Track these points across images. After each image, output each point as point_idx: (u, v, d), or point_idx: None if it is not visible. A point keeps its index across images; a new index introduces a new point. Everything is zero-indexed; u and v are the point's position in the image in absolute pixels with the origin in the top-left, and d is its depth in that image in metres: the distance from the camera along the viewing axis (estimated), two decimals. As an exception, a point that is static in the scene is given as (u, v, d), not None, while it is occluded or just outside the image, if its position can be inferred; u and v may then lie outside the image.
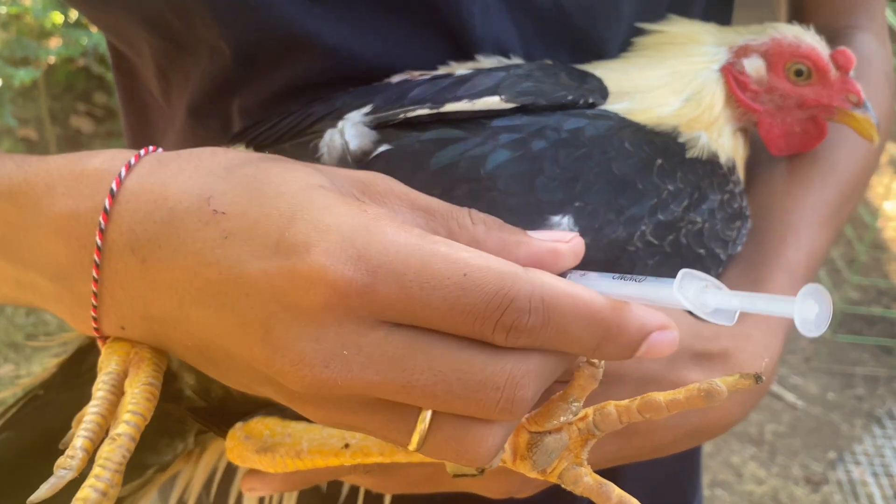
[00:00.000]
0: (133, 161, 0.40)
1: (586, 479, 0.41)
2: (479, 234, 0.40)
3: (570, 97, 0.53)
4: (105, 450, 0.38)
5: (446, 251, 0.35)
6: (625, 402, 0.42)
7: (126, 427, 0.39)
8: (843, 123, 0.61)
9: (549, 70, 0.54)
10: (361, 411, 0.37)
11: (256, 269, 0.35)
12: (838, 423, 2.56)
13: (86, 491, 0.37)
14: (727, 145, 0.59)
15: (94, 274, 0.39)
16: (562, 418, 0.41)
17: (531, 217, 0.49)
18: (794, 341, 2.87)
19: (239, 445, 0.48)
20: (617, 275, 0.40)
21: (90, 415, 0.39)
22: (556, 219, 0.49)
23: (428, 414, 0.36)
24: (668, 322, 0.37)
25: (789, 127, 0.61)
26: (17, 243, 0.42)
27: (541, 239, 0.41)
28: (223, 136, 0.60)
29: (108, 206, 0.38)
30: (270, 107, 0.57)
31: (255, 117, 0.58)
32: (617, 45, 0.61)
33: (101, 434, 0.39)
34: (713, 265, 0.55)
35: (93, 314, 0.40)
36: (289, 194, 0.36)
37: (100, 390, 0.40)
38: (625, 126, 0.53)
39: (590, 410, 0.42)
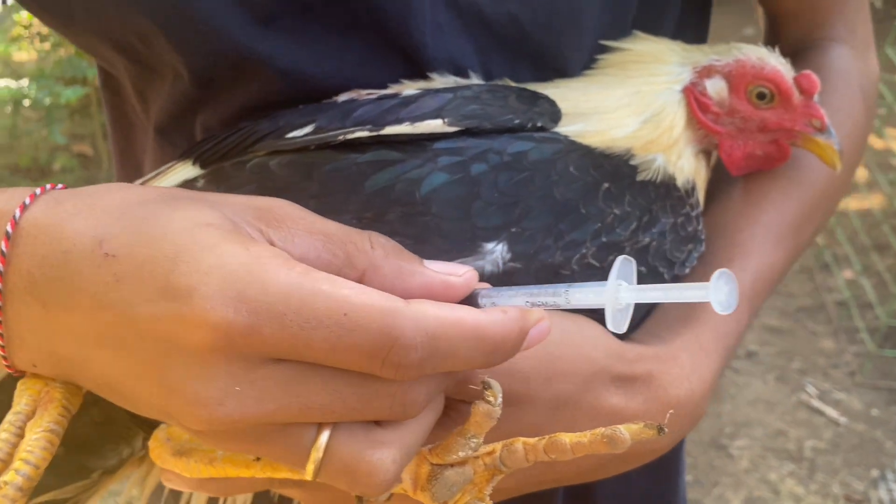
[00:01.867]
0: (28, 201, 0.40)
1: None
2: (376, 259, 0.40)
3: (517, 121, 0.52)
4: None
5: (328, 289, 0.35)
6: (533, 440, 0.42)
7: (15, 476, 0.40)
8: (806, 149, 0.59)
9: (498, 92, 0.54)
10: (262, 441, 0.38)
11: (146, 312, 0.35)
12: (882, 440, 2.49)
13: None
14: (686, 167, 0.58)
15: None
16: (460, 453, 0.41)
17: (463, 243, 0.48)
18: (838, 356, 2.80)
19: (159, 446, 0.49)
20: (534, 287, 0.40)
21: None
22: (489, 246, 0.49)
23: (322, 442, 0.37)
24: (541, 314, 0.40)
25: (751, 150, 0.60)
26: None
27: (435, 271, 0.41)
28: None
29: (4, 250, 0.39)
30: (231, 125, 0.58)
31: None
32: (581, 61, 0.60)
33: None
34: (655, 283, 0.54)
35: (1, 353, 0.41)
36: (173, 235, 0.36)
37: (4, 431, 0.42)
38: (573, 149, 0.53)
39: (498, 446, 0.42)
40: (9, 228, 0.39)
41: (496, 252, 0.49)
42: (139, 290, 0.36)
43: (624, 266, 0.38)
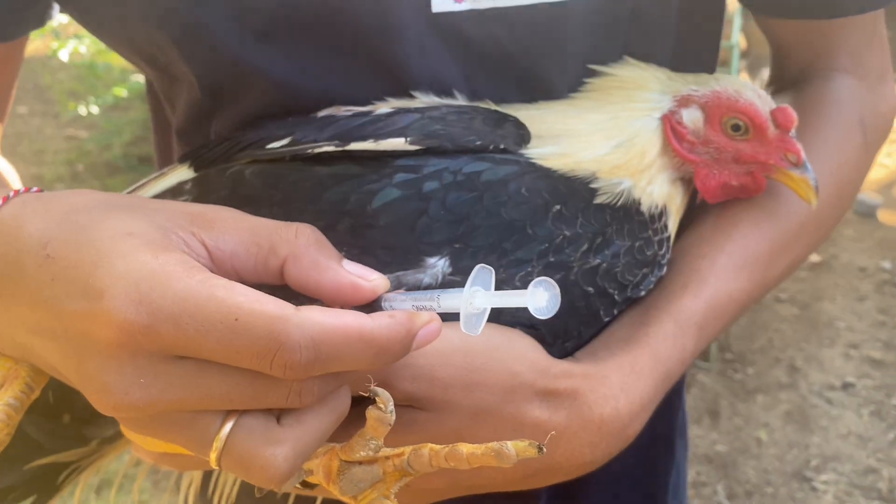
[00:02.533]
0: (0, 203, 0.46)
1: None
2: (298, 248, 0.44)
3: (478, 142, 0.54)
4: None
5: (222, 295, 0.38)
6: (438, 447, 0.44)
7: None
8: (780, 182, 0.59)
9: (465, 114, 0.56)
10: (172, 429, 0.41)
11: (70, 309, 0.40)
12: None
13: None
14: (657, 193, 0.59)
15: None
16: (361, 452, 0.44)
17: (406, 257, 0.51)
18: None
19: None
20: (419, 292, 0.45)
21: None
22: (431, 260, 0.51)
23: (224, 434, 0.41)
24: (431, 316, 0.43)
25: (726, 179, 0.60)
26: None
27: (348, 271, 0.44)
28: None
29: None
30: (241, 132, 0.63)
31: None
32: (567, 83, 0.62)
33: None
34: (603, 304, 0.55)
35: None
36: (98, 242, 0.41)
37: None
38: (529, 172, 0.54)
39: (408, 449, 0.45)
40: None
41: (437, 266, 0.51)
42: (67, 289, 0.40)
43: (481, 274, 0.42)
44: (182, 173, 0.60)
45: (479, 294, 0.43)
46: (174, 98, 0.68)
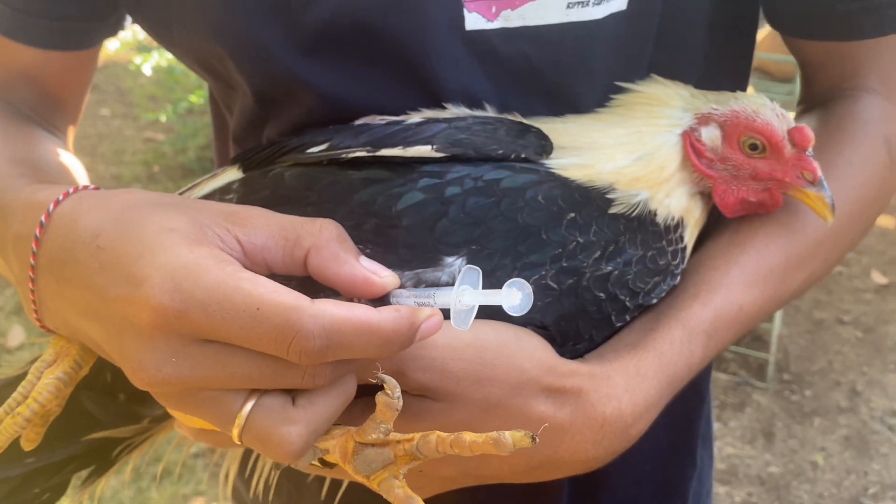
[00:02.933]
0: (61, 198, 0.52)
1: (397, 490, 0.48)
2: (320, 241, 0.48)
3: (500, 151, 0.58)
4: (5, 422, 0.53)
5: (247, 287, 0.43)
6: (445, 434, 0.47)
7: (25, 410, 0.53)
8: (797, 199, 0.61)
9: (489, 125, 0.60)
10: (200, 406, 0.46)
11: (113, 294, 0.45)
12: None
13: None
14: (675, 205, 0.61)
15: (31, 286, 0.52)
16: (373, 435, 0.48)
17: (425, 256, 0.54)
18: None
19: None
20: (419, 290, 0.49)
21: (15, 392, 0.54)
22: (449, 259, 0.55)
23: (245, 412, 0.46)
24: (433, 312, 0.46)
25: (744, 195, 0.62)
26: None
27: (363, 266, 0.48)
28: None
29: (38, 235, 0.51)
30: (286, 137, 0.67)
31: None
32: (594, 98, 0.65)
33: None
34: (614, 309, 0.58)
35: (35, 316, 0.53)
36: (143, 236, 0.46)
37: (30, 374, 0.55)
38: (547, 181, 0.57)
39: (417, 435, 0.48)
40: (43, 219, 0.51)
41: (454, 265, 0.54)
42: (113, 277, 0.46)
43: (469, 274, 0.47)
44: (232, 174, 0.65)
45: (467, 292, 0.47)
46: (231, 105, 0.73)
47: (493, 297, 0.46)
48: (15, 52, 0.75)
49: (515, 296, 0.46)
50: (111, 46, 4.33)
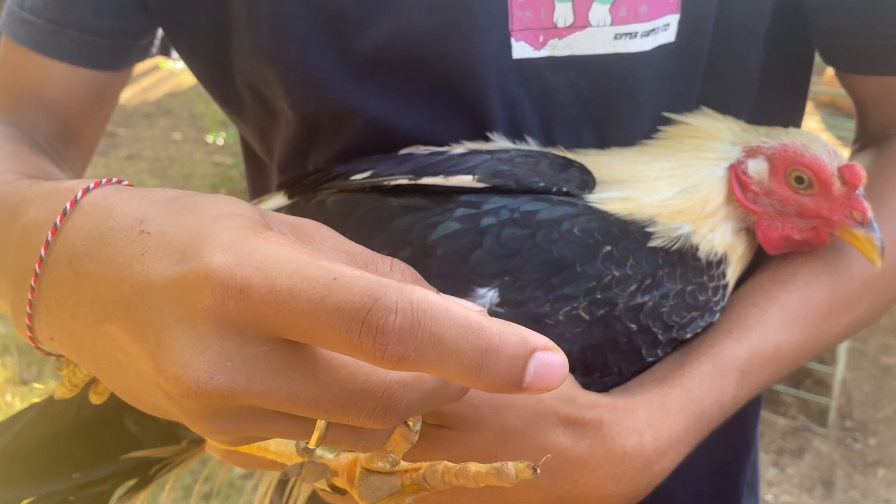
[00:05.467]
0: (92, 186, 0.44)
1: None
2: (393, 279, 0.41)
3: (541, 184, 0.58)
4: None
5: (325, 262, 0.35)
6: (452, 464, 0.46)
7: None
8: (845, 239, 0.59)
9: (531, 157, 0.60)
10: (259, 421, 0.39)
11: (159, 278, 0.37)
12: None
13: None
14: (718, 241, 0.60)
15: (32, 282, 0.43)
16: (380, 463, 0.47)
17: (458, 286, 0.54)
18: None
19: None
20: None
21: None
22: (481, 291, 0.54)
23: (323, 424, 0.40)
24: (552, 343, 0.35)
25: (788, 232, 0.60)
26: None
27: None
28: None
29: (58, 223, 0.42)
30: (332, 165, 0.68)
31: None
32: (641, 130, 0.64)
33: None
34: (645, 342, 0.57)
35: (27, 322, 0.44)
36: (203, 217, 0.39)
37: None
38: (584, 213, 0.57)
39: (425, 465, 0.48)
40: (67, 206, 0.43)
41: (486, 297, 0.54)
42: (158, 261, 0.38)
43: None
44: (278, 200, 0.66)
45: None
46: (270, 135, 0.73)
47: None
48: (38, 69, 0.71)
49: None
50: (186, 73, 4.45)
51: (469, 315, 0.34)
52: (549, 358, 0.34)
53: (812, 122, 3.56)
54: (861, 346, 3.07)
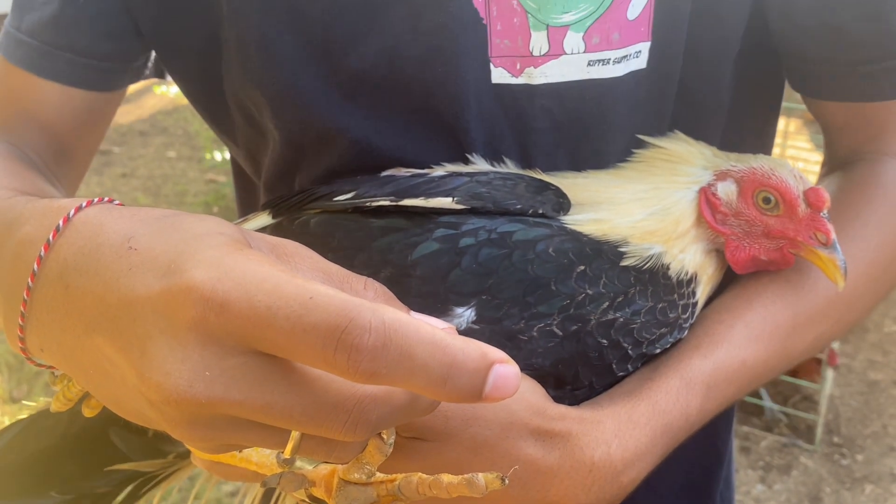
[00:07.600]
0: (84, 205, 0.46)
1: None
2: (365, 298, 0.43)
3: (518, 206, 0.60)
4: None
5: (302, 281, 0.37)
6: (426, 476, 0.48)
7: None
8: (808, 260, 0.61)
9: (509, 180, 0.62)
10: (236, 430, 0.41)
11: (144, 292, 0.39)
12: None
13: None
14: (689, 260, 0.62)
15: (25, 295, 0.45)
16: (356, 475, 0.49)
17: (435, 305, 0.56)
18: None
19: None
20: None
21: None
22: (459, 310, 0.56)
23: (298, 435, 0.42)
24: (507, 357, 0.38)
25: (755, 253, 0.63)
26: None
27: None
28: None
29: (51, 239, 0.45)
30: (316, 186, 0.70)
31: None
32: (615, 154, 0.67)
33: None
34: (615, 356, 0.59)
35: (19, 333, 0.46)
36: (188, 235, 0.41)
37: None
38: (558, 234, 0.59)
39: (400, 476, 0.49)
40: (60, 223, 0.45)
41: (463, 316, 0.56)
42: (144, 276, 0.40)
43: None
44: (262, 219, 0.68)
45: None
46: (259, 155, 0.75)
47: None
48: (33, 90, 0.73)
49: None
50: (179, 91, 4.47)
51: (435, 333, 0.36)
52: (506, 370, 0.37)
53: (800, 140, 3.60)
54: (849, 363, 3.09)
